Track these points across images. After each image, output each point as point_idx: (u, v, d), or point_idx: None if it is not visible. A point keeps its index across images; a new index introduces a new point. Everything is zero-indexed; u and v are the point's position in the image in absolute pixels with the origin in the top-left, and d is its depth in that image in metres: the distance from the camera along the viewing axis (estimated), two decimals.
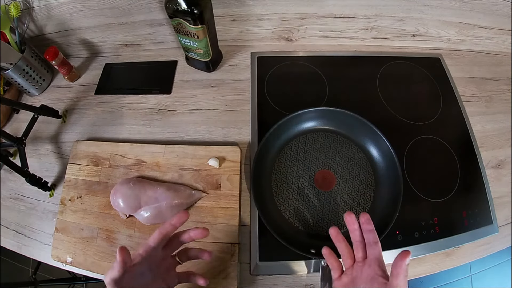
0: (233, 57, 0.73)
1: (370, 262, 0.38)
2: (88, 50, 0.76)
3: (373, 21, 0.69)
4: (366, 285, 0.37)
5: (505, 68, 0.74)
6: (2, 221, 0.58)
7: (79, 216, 0.54)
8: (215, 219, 0.52)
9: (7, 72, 0.62)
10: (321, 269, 0.46)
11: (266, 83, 0.67)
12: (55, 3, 0.64)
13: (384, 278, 0.36)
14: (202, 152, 0.57)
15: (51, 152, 0.63)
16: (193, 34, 0.57)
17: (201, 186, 0.54)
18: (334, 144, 0.58)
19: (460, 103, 0.66)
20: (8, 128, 0.68)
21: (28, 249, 0.56)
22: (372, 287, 0.36)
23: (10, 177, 0.62)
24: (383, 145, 0.53)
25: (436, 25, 0.70)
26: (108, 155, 0.58)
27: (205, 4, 0.54)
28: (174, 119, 0.65)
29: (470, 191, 0.57)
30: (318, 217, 0.52)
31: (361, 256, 0.39)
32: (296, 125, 0.58)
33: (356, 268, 0.39)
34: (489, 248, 0.54)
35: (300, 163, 0.56)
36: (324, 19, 0.69)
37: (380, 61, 0.71)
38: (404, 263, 0.34)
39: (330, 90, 0.66)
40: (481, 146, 0.62)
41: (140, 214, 0.51)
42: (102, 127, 0.65)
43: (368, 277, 0.37)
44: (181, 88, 0.69)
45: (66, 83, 0.72)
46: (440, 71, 0.71)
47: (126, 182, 0.52)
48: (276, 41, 0.74)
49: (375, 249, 0.38)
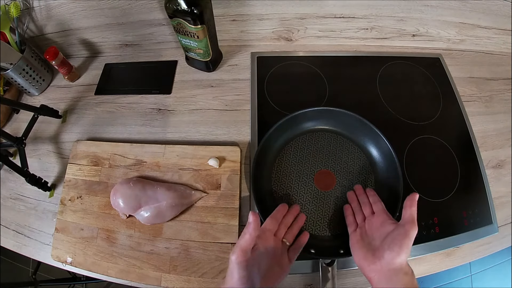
0: (233, 57, 0.73)
1: (378, 213, 0.45)
2: (88, 50, 0.76)
3: (373, 21, 0.69)
4: (378, 230, 0.42)
5: (505, 68, 0.74)
6: (2, 221, 0.58)
7: (79, 216, 0.54)
8: (215, 219, 0.52)
9: (7, 72, 0.62)
10: (321, 269, 0.46)
11: (266, 83, 0.67)
12: (55, 3, 0.64)
13: (393, 221, 0.42)
14: (202, 152, 0.57)
15: (51, 152, 0.63)
16: (193, 34, 0.57)
17: (201, 186, 0.54)
18: (334, 144, 0.58)
19: (460, 103, 0.66)
20: (8, 128, 0.68)
21: (28, 249, 0.56)
22: (385, 229, 0.41)
23: (10, 177, 0.62)
24: (383, 145, 0.53)
25: (436, 25, 0.70)
26: (108, 155, 0.58)
27: (205, 4, 0.54)
28: (174, 119, 0.65)
29: (470, 191, 0.57)
30: (318, 217, 0.52)
31: (368, 212, 0.47)
32: (296, 125, 0.58)
33: (367, 221, 0.45)
34: (489, 248, 0.54)
35: (300, 163, 0.56)
36: (324, 19, 0.69)
37: (380, 61, 0.71)
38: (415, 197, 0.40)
39: (330, 90, 0.66)
40: (481, 146, 0.62)
41: (140, 214, 0.51)
42: (102, 127, 0.65)
43: (378, 224, 0.43)
44: (181, 88, 0.69)
45: (66, 83, 0.72)
46: (440, 71, 0.71)
47: (126, 182, 0.52)
48: (276, 41, 0.74)
49: (379, 205, 0.46)
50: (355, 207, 0.49)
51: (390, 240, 0.39)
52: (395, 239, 0.38)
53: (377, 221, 0.44)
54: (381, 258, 0.38)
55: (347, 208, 0.50)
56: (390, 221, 0.42)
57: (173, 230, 0.52)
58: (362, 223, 0.46)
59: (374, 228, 0.43)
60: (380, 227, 0.42)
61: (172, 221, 0.52)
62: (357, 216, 0.48)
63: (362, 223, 0.46)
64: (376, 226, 0.43)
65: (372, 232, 0.43)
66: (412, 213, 0.39)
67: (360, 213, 0.48)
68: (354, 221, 0.48)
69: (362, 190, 0.51)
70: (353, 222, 0.47)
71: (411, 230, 0.38)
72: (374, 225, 0.43)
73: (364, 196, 0.49)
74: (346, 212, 0.50)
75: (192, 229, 0.51)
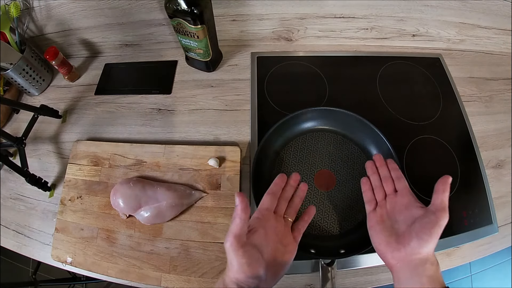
0: (233, 57, 0.73)
1: (402, 192, 0.40)
2: (88, 50, 0.76)
3: (373, 21, 0.69)
4: (402, 213, 0.38)
5: (505, 68, 0.74)
6: (2, 221, 0.58)
7: (79, 216, 0.54)
8: (215, 219, 0.52)
9: (7, 72, 0.62)
10: (321, 269, 0.46)
11: (266, 83, 0.67)
12: (55, 3, 0.64)
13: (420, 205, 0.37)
14: (202, 152, 0.57)
15: (51, 152, 0.63)
16: (193, 34, 0.57)
17: (201, 186, 0.54)
18: (334, 144, 0.58)
19: (460, 103, 0.66)
20: (8, 128, 0.68)
21: (28, 249, 0.56)
22: (411, 213, 0.37)
23: (10, 177, 0.62)
24: (383, 145, 0.53)
25: (436, 25, 0.70)
26: (108, 155, 0.58)
27: (205, 4, 0.54)
28: (174, 119, 0.64)
29: (470, 191, 0.57)
30: (318, 217, 0.52)
31: (390, 188, 0.42)
32: (296, 125, 0.58)
33: (389, 200, 0.41)
34: (489, 248, 0.54)
35: (300, 163, 0.56)
36: (324, 19, 0.69)
37: (380, 61, 0.71)
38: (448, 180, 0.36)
39: (330, 90, 0.66)
40: (481, 146, 0.62)
41: (140, 214, 0.51)
42: (102, 127, 0.65)
43: (403, 206, 0.38)
44: (181, 88, 0.69)
45: (66, 83, 0.72)
46: (440, 71, 0.71)
47: (126, 182, 0.52)
48: (276, 41, 0.74)
49: (403, 182, 0.41)
50: (375, 181, 0.44)
51: (419, 227, 0.35)
52: (424, 228, 0.34)
53: (401, 202, 0.39)
54: (406, 246, 0.35)
55: (365, 183, 0.45)
56: (417, 203, 0.38)
57: (173, 230, 0.52)
58: (383, 201, 0.41)
59: (398, 209, 0.39)
60: (405, 209, 0.38)
61: (172, 221, 0.52)
62: (376, 193, 0.43)
63: (382, 201, 0.41)
64: (400, 207, 0.39)
65: (395, 213, 0.39)
66: (444, 199, 0.35)
67: (380, 189, 0.42)
68: (373, 197, 0.43)
69: (383, 161, 0.45)
70: (372, 199, 0.42)
71: (443, 218, 0.34)
72: (398, 206, 0.39)
73: (385, 169, 0.44)
74: (364, 187, 0.44)
75: (192, 229, 0.51)
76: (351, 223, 0.51)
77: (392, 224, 0.38)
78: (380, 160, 0.45)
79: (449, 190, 0.35)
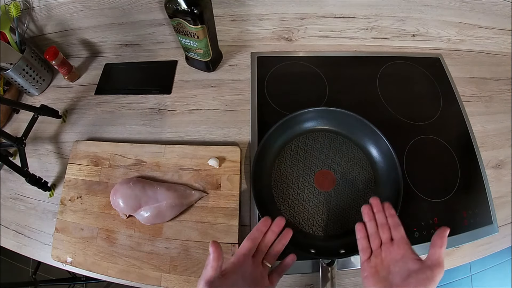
0: (233, 57, 0.73)
1: (398, 242, 0.39)
2: (88, 50, 0.76)
3: (373, 21, 0.69)
4: (398, 264, 0.37)
5: (505, 68, 0.74)
6: (2, 221, 0.58)
7: (79, 216, 0.54)
8: (215, 219, 0.52)
9: (7, 72, 0.62)
10: (321, 269, 0.46)
11: (266, 83, 0.67)
12: (55, 3, 0.64)
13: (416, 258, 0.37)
14: (202, 152, 0.57)
15: (51, 152, 0.63)
16: (193, 34, 0.57)
17: (201, 186, 0.54)
18: (334, 144, 0.58)
19: (460, 103, 0.66)
20: (8, 128, 0.68)
21: (28, 249, 0.56)
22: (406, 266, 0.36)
23: (10, 177, 0.62)
24: (383, 145, 0.53)
25: (436, 25, 0.70)
26: (108, 155, 0.58)
27: (205, 4, 0.54)
28: (174, 119, 0.65)
29: (470, 191, 0.57)
30: (318, 217, 0.52)
31: (386, 237, 0.41)
32: (296, 125, 0.58)
33: (384, 249, 0.40)
34: (489, 248, 0.54)
35: (300, 163, 0.56)
36: (324, 19, 0.69)
37: (380, 61, 0.71)
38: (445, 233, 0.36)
39: (330, 90, 0.66)
40: (481, 146, 0.62)
41: (140, 214, 0.51)
42: (102, 127, 0.65)
43: (398, 257, 0.38)
44: (181, 88, 0.69)
45: (66, 83, 0.72)
46: (440, 71, 0.71)
47: (126, 182, 0.52)
48: (276, 41, 0.74)
49: (400, 231, 0.40)
50: (371, 227, 0.42)
51: (415, 283, 0.34)
52: (421, 284, 0.34)
53: (397, 252, 0.38)
54: None
55: (361, 229, 0.43)
56: (413, 255, 0.37)
57: (173, 230, 0.52)
58: (378, 250, 0.40)
59: (393, 259, 0.38)
60: (401, 261, 0.37)
61: (172, 221, 0.52)
62: (372, 240, 0.41)
63: (378, 250, 0.40)
64: (395, 258, 0.38)
65: (390, 264, 0.38)
66: (441, 254, 0.35)
67: (376, 236, 0.41)
68: (368, 246, 0.41)
69: (380, 207, 0.43)
70: (367, 248, 0.41)
71: (439, 274, 0.34)
72: (393, 256, 0.38)
73: (383, 215, 0.42)
74: (358, 234, 0.43)
75: (192, 229, 0.51)
76: (351, 223, 0.51)
77: (386, 275, 0.38)
78: (377, 205, 0.43)
79: (446, 244, 0.36)
